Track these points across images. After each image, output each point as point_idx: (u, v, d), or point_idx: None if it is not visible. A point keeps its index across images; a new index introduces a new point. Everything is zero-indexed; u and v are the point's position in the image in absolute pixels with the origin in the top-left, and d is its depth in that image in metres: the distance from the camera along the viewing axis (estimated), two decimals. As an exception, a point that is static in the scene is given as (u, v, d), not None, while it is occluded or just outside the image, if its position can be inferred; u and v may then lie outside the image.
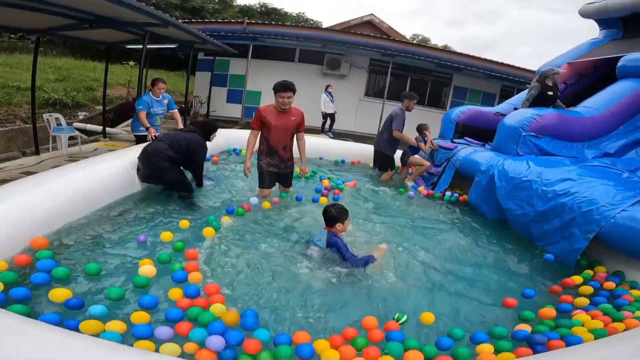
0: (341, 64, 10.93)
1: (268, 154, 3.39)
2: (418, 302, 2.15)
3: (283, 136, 3.34)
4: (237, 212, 3.08)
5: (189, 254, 2.22)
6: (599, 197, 2.58)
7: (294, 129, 3.38)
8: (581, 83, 5.54)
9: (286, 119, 3.28)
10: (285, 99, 3.13)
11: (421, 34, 32.96)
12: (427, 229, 3.36)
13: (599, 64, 5.38)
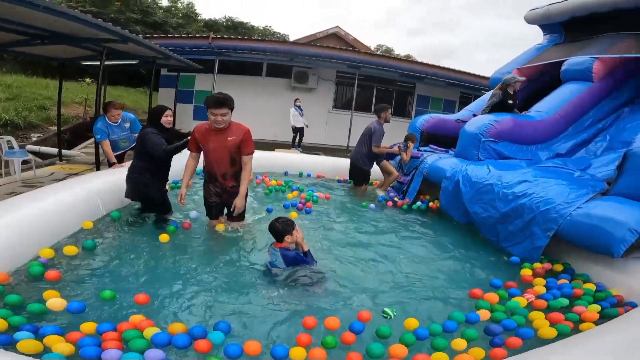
0: (309, 77, 11.07)
1: (208, 180, 2.91)
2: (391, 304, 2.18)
3: (220, 160, 2.76)
4: (169, 229, 2.90)
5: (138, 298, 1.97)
6: (554, 196, 2.74)
7: (235, 151, 2.75)
8: (530, 88, 5.83)
9: (222, 140, 2.71)
10: (218, 116, 2.59)
11: (385, 45, 34.17)
12: (397, 238, 3.42)
13: (544, 69, 5.64)
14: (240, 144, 2.73)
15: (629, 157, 2.47)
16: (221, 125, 2.65)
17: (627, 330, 1.70)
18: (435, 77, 11.06)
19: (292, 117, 9.44)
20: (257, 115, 11.01)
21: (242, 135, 2.73)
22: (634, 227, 2.20)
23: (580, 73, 4.63)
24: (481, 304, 2.17)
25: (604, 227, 2.32)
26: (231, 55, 10.54)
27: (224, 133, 2.71)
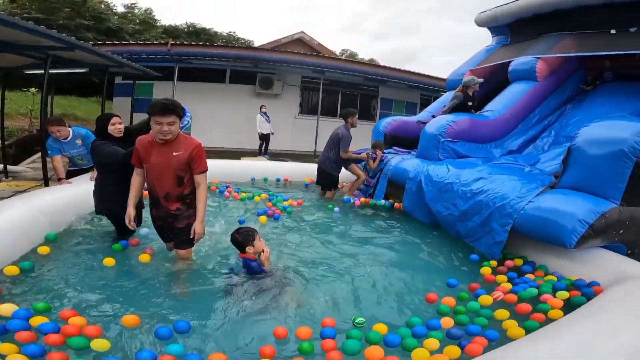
0: (274, 82, 10.99)
1: (151, 202, 2.47)
2: (359, 309, 2.18)
3: (163, 178, 2.33)
4: (114, 247, 2.72)
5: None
6: (508, 191, 2.88)
7: (181, 169, 2.33)
8: (482, 88, 5.94)
9: (166, 154, 2.29)
10: (164, 125, 2.19)
11: (349, 49, 34.86)
12: (364, 241, 3.43)
13: (494, 70, 5.86)
14: (190, 161, 2.32)
15: (573, 151, 2.65)
16: (167, 136, 2.23)
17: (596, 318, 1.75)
18: (397, 80, 11.39)
19: (259, 124, 9.31)
20: (222, 123, 10.80)
21: (192, 150, 2.31)
22: (583, 218, 2.35)
23: (525, 73, 4.93)
24: (442, 308, 2.16)
25: (555, 220, 2.46)
26: (192, 62, 10.25)
27: (168, 146, 2.30)
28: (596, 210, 2.33)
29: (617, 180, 2.39)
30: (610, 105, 4.32)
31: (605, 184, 2.44)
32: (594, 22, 4.78)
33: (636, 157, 2.34)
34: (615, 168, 2.39)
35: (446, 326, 1.99)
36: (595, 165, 2.50)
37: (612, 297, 1.99)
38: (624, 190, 2.39)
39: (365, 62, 17.61)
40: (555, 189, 2.76)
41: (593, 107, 4.50)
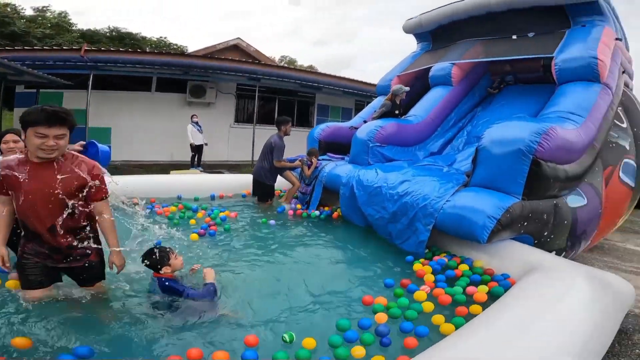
0: (206, 90, 10.51)
1: (26, 236, 1.94)
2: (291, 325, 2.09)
3: (42, 209, 1.83)
4: None
5: None
6: (429, 192, 3.01)
7: (70, 194, 1.86)
8: (409, 93, 6.43)
9: (47, 179, 1.81)
10: (50, 139, 1.74)
11: (289, 56, 35.12)
12: (299, 251, 3.35)
13: (418, 75, 6.16)
14: (84, 187, 1.89)
15: (480, 151, 2.87)
16: (53, 154, 1.77)
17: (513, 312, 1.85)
18: (333, 86, 11.64)
19: (190, 135, 8.78)
20: (150, 134, 10.02)
21: (87, 172, 1.89)
22: (491, 214, 2.53)
23: (442, 78, 5.32)
24: (377, 307, 2.20)
25: (469, 217, 2.62)
26: (110, 69, 9.37)
27: (49, 167, 1.82)
28: (501, 206, 2.53)
29: (518, 177, 2.63)
30: (512, 107, 4.83)
31: (508, 180, 2.67)
32: (500, 29, 5.30)
33: (532, 155, 2.59)
34: (515, 165, 2.63)
35: (380, 321, 2.02)
36: (498, 163, 2.73)
37: (524, 288, 2.13)
38: (524, 185, 2.63)
39: (302, 68, 17.79)
40: (468, 188, 2.95)
41: (498, 109, 4.99)
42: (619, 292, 2.26)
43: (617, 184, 3.77)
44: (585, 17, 4.54)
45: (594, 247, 5.13)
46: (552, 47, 4.32)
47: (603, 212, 3.50)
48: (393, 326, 2.05)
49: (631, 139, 4.31)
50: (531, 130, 2.64)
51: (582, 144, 3.05)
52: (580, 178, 3.15)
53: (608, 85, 3.88)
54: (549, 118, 3.28)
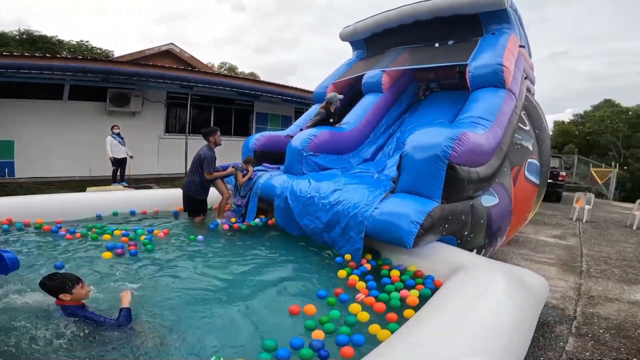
0: (131, 99, 9.67)
1: None
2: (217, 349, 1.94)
3: None
4: None
5: None
6: (359, 200, 3.04)
7: None
8: (344, 100, 6.23)
9: None
10: None
11: (229, 62, 34.23)
12: (233, 265, 3.17)
13: (352, 83, 6.29)
14: None
15: (403, 157, 2.97)
16: None
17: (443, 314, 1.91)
18: (271, 94, 11.49)
19: (110, 147, 7.93)
20: (64, 148, 8.91)
21: None
22: (414, 219, 2.60)
23: (373, 85, 5.49)
24: (309, 324, 2.14)
25: (395, 223, 2.68)
26: (14, 75, 8.14)
27: None
28: (423, 211, 2.62)
29: (436, 182, 2.76)
30: (436, 113, 5.15)
31: (428, 185, 2.80)
32: (426, 37, 5.62)
33: (447, 160, 2.74)
34: (433, 171, 2.76)
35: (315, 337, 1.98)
36: (419, 169, 2.84)
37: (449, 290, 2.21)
38: (442, 189, 2.76)
39: (241, 75, 17.34)
40: (394, 194, 3.03)
41: (423, 115, 5.29)
42: (533, 288, 2.45)
43: (524, 183, 4.19)
44: (495, 25, 4.99)
45: (511, 241, 5.69)
46: (467, 55, 4.65)
47: (513, 209, 3.85)
48: (329, 338, 2.02)
49: (534, 140, 4.83)
50: (445, 136, 2.80)
51: (490, 147, 3.31)
52: (491, 179, 3.43)
53: (512, 91, 4.28)
54: (463, 123, 3.53)
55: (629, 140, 25.10)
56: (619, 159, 23.41)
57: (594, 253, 5.34)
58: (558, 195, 11.26)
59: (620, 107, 27.27)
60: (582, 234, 6.68)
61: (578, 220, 8.13)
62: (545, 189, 5.35)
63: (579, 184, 16.77)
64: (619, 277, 4.26)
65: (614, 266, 4.70)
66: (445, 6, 5.11)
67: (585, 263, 4.80)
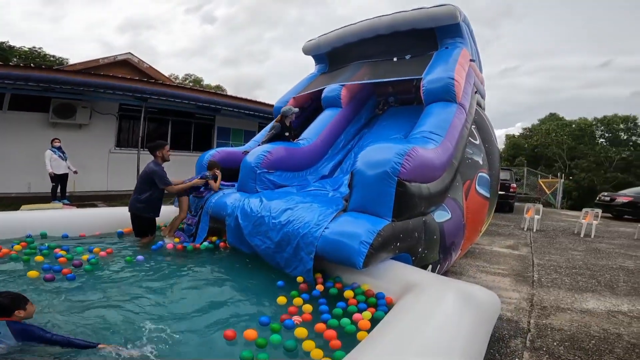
0: (77, 110, 9.00)
1: None
2: None
3: None
4: None
5: None
6: (309, 220, 2.91)
7: None
8: (304, 115, 6.32)
9: None
10: None
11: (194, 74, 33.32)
12: (175, 289, 2.90)
13: (313, 97, 6.26)
14: None
15: (354, 175, 2.89)
16: None
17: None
18: (233, 108, 11.17)
19: (49, 162, 7.26)
20: (0, 161, 8.07)
21: None
22: (364, 239, 2.51)
23: (332, 100, 5.46)
24: (245, 355, 1.98)
25: (345, 243, 2.57)
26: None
27: None
28: (373, 230, 2.54)
29: (387, 199, 2.70)
30: (392, 128, 5.21)
31: (379, 203, 2.73)
32: (385, 51, 5.70)
33: (396, 177, 2.69)
34: (383, 188, 2.70)
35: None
36: (369, 186, 2.78)
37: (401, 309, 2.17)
38: (393, 207, 2.70)
39: (202, 88, 16.84)
40: (346, 213, 2.94)
41: (381, 130, 5.33)
42: (484, 304, 2.43)
43: (475, 197, 4.29)
44: (449, 39, 5.18)
45: (468, 252, 5.81)
46: (423, 69, 4.73)
47: (466, 223, 3.91)
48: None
49: (484, 154, 4.99)
50: (394, 152, 2.76)
51: (441, 162, 3.34)
52: (443, 194, 3.45)
53: (463, 105, 4.40)
54: (414, 139, 3.56)
55: (573, 152, 27.35)
56: (564, 169, 25.37)
57: (544, 262, 5.56)
58: (510, 206, 11.89)
59: (564, 121, 29.71)
60: (533, 244, 6.99)
61: (529, 230, 8.55)
62: (497, 201, 5.54)
63: (529, 195, 17.89)
64: (569, 285, 4.43)
65: (564, 274, 4.89)
66: (404, 20, 5.25)
67: (537, 272, 4.97)
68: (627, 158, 25.40)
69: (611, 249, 6.69)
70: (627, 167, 24.98)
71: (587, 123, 27.89)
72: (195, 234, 4.38)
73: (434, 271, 3.41)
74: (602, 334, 3.00)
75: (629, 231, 9.06)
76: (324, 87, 5.76)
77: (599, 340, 2.88)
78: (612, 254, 6.26)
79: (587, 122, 27.99)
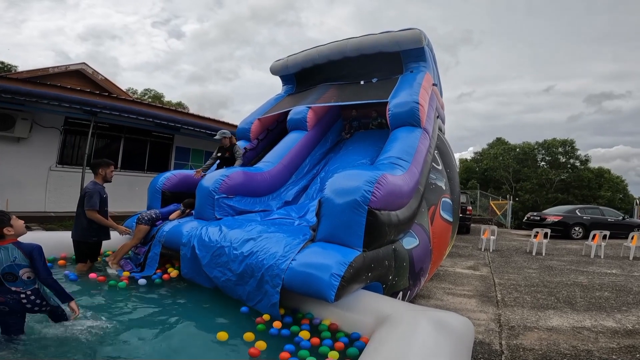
0: (16, 122, 8.08)
1: None
2: None
3: None
4: None
5: None
6: (275, 251, 2.69)
7: None
8: (270, 137, 6.10)
9: None
10: None
11: (154, 90, 31.54)
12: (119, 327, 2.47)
13: (279, 118, 6.07)
14: None
15: (322, 203, 2.74)
16: None
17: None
18: (194, 127, 10.65)
19: None
20: None
21: None
22: (335, 272, 2.34)
23: (298, 122, 5.32)
24: None
25: (315, 275, 2.38)
26: None
27: None
28: (344, 262, 2.39)
29: (357, 229, 2.57)
30: (358, 152, 5.17)
31: (349, 233, 2.59)
32: (353, 74, 5.71)
33: (367, 205, 2.59)
34: (353, 217, 2.57)
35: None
36: (339, 215, 2.63)
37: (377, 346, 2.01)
38: (364, 236, 2.57)
39: (159, 105, 15.95)
40: (314, 243, 2.76)
41: (346, 154, 5.27)
42: (460, 330, 2.34)
43: (440, 221, 4.32)
44: (413, 63, 5.30)
45: (433, 275, 5.84)
46: (388, 93, 4.72)
47: (433, 248, 3.89)
48: None
49: (446, 179, 5.09)
50: (365, 179, 2.66)
51: (409, 188, 3.31)
52: (411, 221, 3.40)
53: (427, 130, 4.44)
54: (382, 165, 3.51)
55: (518, 174, 29.49)
56: (511, 191, 27.24)
57: (504, 281, 5.72)
58: (467, 228, 12.40)
59: (509, 145, 32.07)
60: (491, 263, 7.24)
61: (486, 250, 8.89)
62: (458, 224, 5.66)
63: (482, 216, 18.90)
64: (532, 303, 4.51)
65: (524, 292, 5.02)
66: (370, 43, 5.34)
67: (500, 292, 5.07)
68: (565, 179, 27.81)
69: (563, 266, 7.10)
70: (566, 188, 27.29)
71: (529, 147, 30.29)
72: (144, 264, 3.94)
73: (405, 297, 3.32)
74: (572, 352, 3.04)
75: (576, 248, 9.77)
76: (290, 108, 5.63)
77: (571, 358, 2.90)
78: (564, 271, 6.62)
79: (530, 146, 30.40)
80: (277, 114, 6.00)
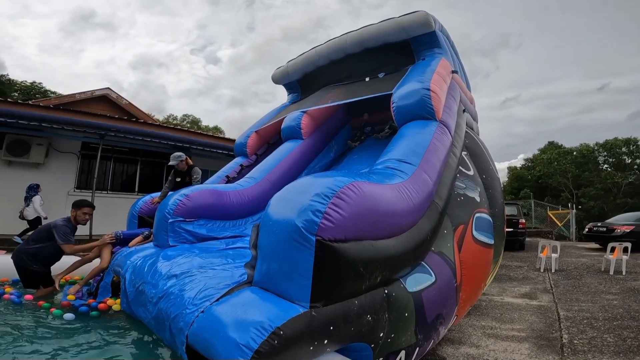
0: (31, 147, 8.23)
1: None
2: None
3: None
4: None
5: None
6: (189, 296, 1.84)
7: None
8: (270, 151, 5.24)
9: None
10: None
11: (192, 115, 33.38)
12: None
13: (279, 129, 5.15)
14: None
15: (261, 228, 1.75)
16: None
17: None
18: (209, 147, 10.30)
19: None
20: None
21: None
22: (243, 343, 1.38)
23: (292, 130, 4.53)
24: None
25: (213, 343, 1.49)
26: None
27: None
28: (265, 326, 1.39)
29: (301, 271, 1.54)
30: (363, 161, 4.20)
31: (288, 278, 1.58)
32: (357, 72, 4.85)
33: (314, 235, 1.54)
34: (292, 253, 1.56)
35: None
36: (273, 249, 1.64)
37: None
38: (312, 283, 1.53)
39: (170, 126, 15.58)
40: (248, 287, 1.80)
41: (350, 163, 4.33)
42: None
43: (472, 245, 3.12)
44: (426, 50, 4.35)
45: (472, 308, 4.55)
46: (395, 85, 3.82)
47: (461, 283, 2.77)
48: None
49: (481, 188, 3.84)
50: (315, 192, 1.66)
51: (410, 203, 2.26)
52: (420, 250, 2.34)
53: (445, 124, 3.40)
54: (376, 173, 2.52)
55: (578, 180, 26.20)
56: (572, 198, 24.07)
57: (573, 314, 4.25)
58: (521, 243, 10.58)
59: (564, 148, 28.84)
60: (554, 289, 5.67)
61: (546, 271, 7.23)
62: (504, 243, 4.37)
63: (539, 228, 16.51)
64: (616, 347, 3.14)
65: (603, 330, 3.59)
66: (372, 34, 4.48)
67: (566, 331, 3.68)
68: (634, 182, 24.23)
69: (654, 288, 5.36)
70: (636, 192, 23.76)
71: (588, 149, 27.00)
72: (96, 293, 3.38)
73: (411, 357, 2.26)
74: None
75: (664, 266, 7.68)
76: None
77: None
78: (656, 294, 4.93)
79: (588, 148, 27.10)
80: (275, 125, 5.25)
